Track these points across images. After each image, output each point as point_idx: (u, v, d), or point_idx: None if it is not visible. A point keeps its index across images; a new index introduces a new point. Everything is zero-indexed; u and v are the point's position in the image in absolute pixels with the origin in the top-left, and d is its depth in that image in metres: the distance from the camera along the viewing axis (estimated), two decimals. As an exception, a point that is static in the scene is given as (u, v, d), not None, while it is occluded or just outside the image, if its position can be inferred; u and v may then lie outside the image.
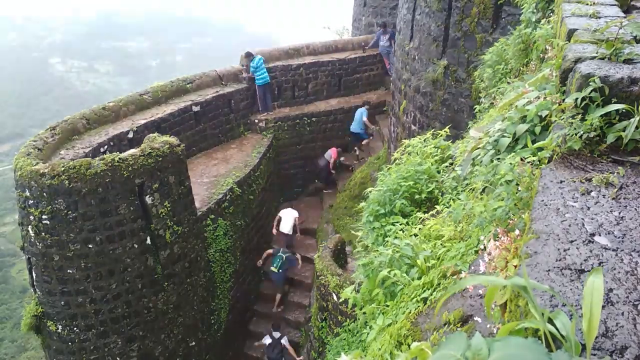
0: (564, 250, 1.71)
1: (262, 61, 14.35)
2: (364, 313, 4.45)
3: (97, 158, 8.78)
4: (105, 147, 10.70)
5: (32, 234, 8.77)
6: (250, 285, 12.99)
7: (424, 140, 6.64)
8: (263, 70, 14.34)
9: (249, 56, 14.34)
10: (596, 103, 2.38)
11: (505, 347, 1.15)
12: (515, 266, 2.03)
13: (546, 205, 2.02)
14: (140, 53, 73.66)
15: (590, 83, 2.37)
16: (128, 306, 9.30)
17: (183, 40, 75.27)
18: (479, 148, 3.62)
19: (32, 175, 8.46)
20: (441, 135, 6.68)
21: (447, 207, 4.70)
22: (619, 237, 1.78)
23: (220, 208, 11.29)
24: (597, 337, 1.30)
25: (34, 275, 9.22)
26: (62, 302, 9.01)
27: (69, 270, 8.80)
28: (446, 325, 2.76)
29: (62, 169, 8.41)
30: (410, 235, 4.68)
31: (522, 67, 6.02)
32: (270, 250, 12.61)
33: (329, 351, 8.54)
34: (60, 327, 9.18)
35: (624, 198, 2.03)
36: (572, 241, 1.76)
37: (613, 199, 2.03)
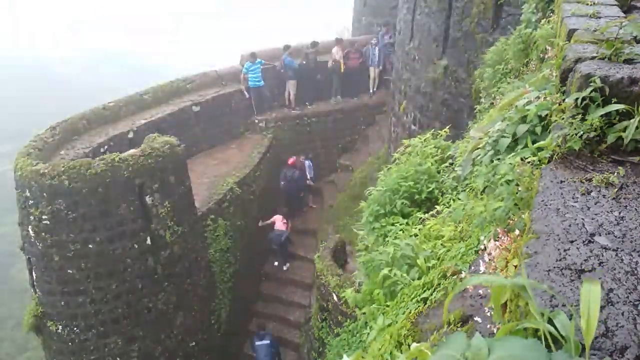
0: (564, 250, 1.71)
1: (259, 64, 14.28)
2: (364, 313, 4.46)
3: (97, 158, 8.78)
4: (105, 147, 10.71)
5: (32, 234, 8.77)
6: (250, 285, 12.99)
7: (424, 140, 6.63)
8: (255, 73, 14.25)
9: (254, 57, 14.28)
10: (596, 103, 2.38)
11: (505, 347, 1.15)
12: (515, 266, 2.03)
13: (546, 205, 2.02)
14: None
15: (591, 83, 2.37)
16: (128, 306, 9.30)
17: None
18: (479, 148, 3.62)
19: (32, 175, 8.46)
20: (441, 135, 6.68)
21: (447, 207, 4.70)
22: (619, 237, 1.78)
23: (220, 208, 11.29)
24: (597, 337, 1.30)
25: (34, 275, 9.22)
26: (62, 302, 9.01)
27: (69, 271, 8.80)
28: (446, 326, 2.76)
29: (62, 169, 8.41)
30: (411, 236, 4.68)
31: (522, 67, 6.02)
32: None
33: (329, 351, 8.53)
34: (60, 327, 9.18)
35: (624, 198, 2.03)
36: (572, 241, 1.76)
37: (613, 199, 2.02)
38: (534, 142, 2.85)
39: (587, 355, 1.21)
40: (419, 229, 4.79)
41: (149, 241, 9.28)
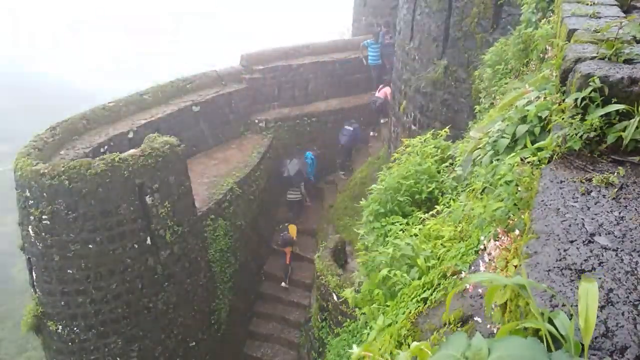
0: (564, 250, 1.71)
1: (371, 42, 15.41)
2: (364, 313, 4.45)
3: (97, 158, 8.78)
4: (105, 147, 10.70)
5: (32, 234, 8.77)
6: (250, 285, 12.99)
7: (424, 140, 6.64)
8: (375, 52, 15.48)
9: (376, 37, 15.48)
10: (596, 103, 2.38)
11: (505, 347, 1.16)
12: (516, 266, 2.03)
13: (546, 205, 2.02)
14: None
15: (590, 83, 2.37)
16: (128, 306, 9.30)
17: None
18: (479, 148, 3.63)
19: (32, 175, 8.46)
20: (441, 135, 6.68)
21: (447, 207, 4.70)
22: (619, 237, 1.78)
23: (220, 208, 11.29)
24: (597, 337, 1.30)
25: (34, 275, 9.22)
26: (62, 302, 9.01)
27: (69, 271, 8.80)
28: (446, 325, 2.76)
29: (62, 169, 8.41)
30: (411, 235, 4.68)
31: (522, 67, 6.02)
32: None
33: (329, 351, 8.54)
34: (60, 327, 9.18)
35: (624, 198, 2.03)
36: (572, 241, 1.76)
37: (613, 199, 2.03)
38: (533, 143, 2.85)
39: (586, 355, 1.21)
40: (419, 229, 4.79)
41: (149, 241, 9.28)
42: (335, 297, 8.58)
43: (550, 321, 1.31)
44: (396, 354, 1.52)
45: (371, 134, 16.05)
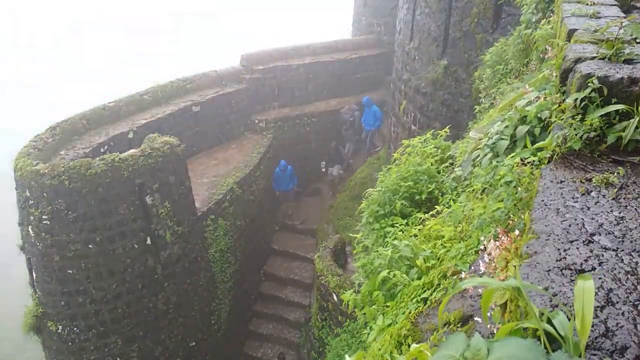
0: (564, 250, 1.71)
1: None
2: (364, 314, 4.45)
3: (97, 158, 8.78)
4: (105, 147, 10.70)
5: (32, 234, 8.77)
6: (250, 285, 12.99)
7: (424, 140, 6.63)
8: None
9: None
10: (595, 103, 2.38)
11: (504, 348, 1.15)
12: (516, 266, 2.03)
13: (546, 205, 2.01)
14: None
15: (589, 84, 2.37)
16: (128, 306, 9.29)
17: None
18: (479, 149, 3.62)
19: (32, 176, 8.46)
20: (441, 136, 6.68)
21: (447, 208, 4.70)
22: (619, 237, 1.77)
23: (220, 208, 11.29)
24: (597, 337, 1.30)
25: (34, 275, 9.22)
26: (62, 302, 9.01)
27: (69, 271, 8.80)
28: (446, 326, 2.76)
29: (62, 169, 8.41)
30: (410, 236, 4.68)
31: (522, 68, 6.02)
32: None
33: (329, 351, 8.54)
34: (60, 327, 9.18)
35: (624, 198, 2.03)
36: (572, 241, 1.76)
37: (613, 199, 2.02)
38: (533, 143, 2.85)
39: (582, 355, 1.21)
40: (419, 229, 4.78)
41: (149, 241, 9.28)
42: (335, 297, 8.58)
43: (550, 322, 1.31)
44: (395, 357, 1.52)
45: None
